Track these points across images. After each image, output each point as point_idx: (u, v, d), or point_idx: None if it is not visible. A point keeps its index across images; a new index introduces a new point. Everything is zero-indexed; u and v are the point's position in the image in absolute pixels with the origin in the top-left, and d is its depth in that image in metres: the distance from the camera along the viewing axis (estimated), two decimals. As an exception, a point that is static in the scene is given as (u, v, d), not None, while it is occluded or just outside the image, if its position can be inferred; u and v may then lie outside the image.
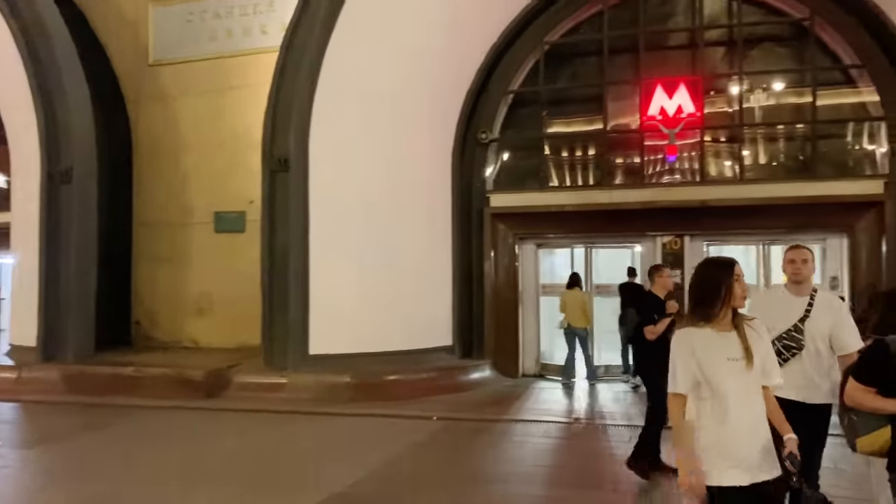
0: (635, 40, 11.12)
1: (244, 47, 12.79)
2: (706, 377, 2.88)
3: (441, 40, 10.58)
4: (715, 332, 2.92)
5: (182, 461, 6.62)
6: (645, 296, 6.29)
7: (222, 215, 12.75)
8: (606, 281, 11.58)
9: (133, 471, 6.30)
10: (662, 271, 6.19)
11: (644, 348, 5.93)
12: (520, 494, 5.50)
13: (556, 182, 11.49)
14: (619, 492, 5.56)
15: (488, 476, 6.06)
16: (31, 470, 6.57)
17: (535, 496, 5.52)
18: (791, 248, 4.23)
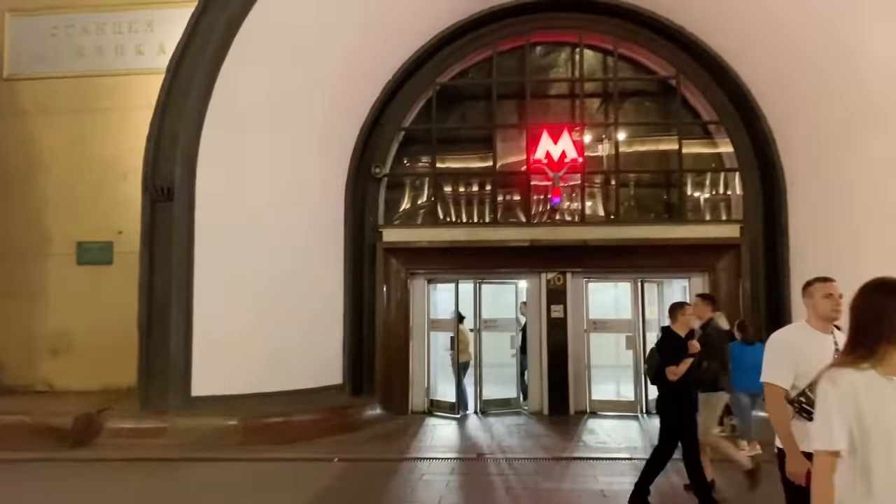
0: (522, 87, 11.69)
1: (116, 67, 11.98)
2: (865, 434, 2.27)
3: (338, 74, 10.51)
4: (880, 376, 2.34)
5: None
6: (666, 334, 5.99)
7: (86, 246, 11.71)
8: (493, 316, 11.90)
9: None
10: (685, 309, 5.98)
11: (666, 389, 5.77)
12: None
13: (448, 218, 11.71)
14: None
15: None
16: None
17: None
18: (825, 281, 3.89)
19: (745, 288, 10.91)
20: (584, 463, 7.91)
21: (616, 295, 12.89)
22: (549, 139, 11.12)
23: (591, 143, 11.58)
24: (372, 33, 10.58)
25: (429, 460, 8.07)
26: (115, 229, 11.70)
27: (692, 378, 5.75)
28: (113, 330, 11.43)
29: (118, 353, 11.41)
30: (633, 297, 11.56)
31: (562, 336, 11.27)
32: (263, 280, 9.97)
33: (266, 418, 9.46)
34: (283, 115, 10.14)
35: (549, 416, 11.03)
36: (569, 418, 10.88)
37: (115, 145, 11.80)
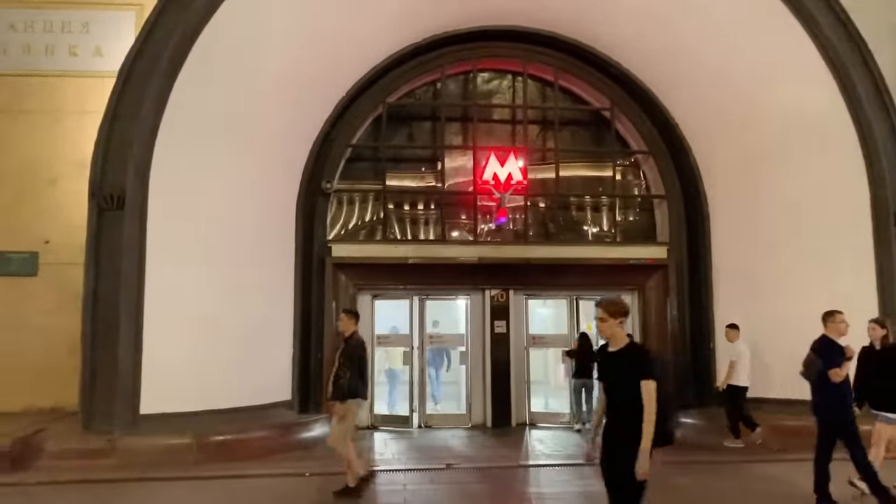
0: (468, 110, 12.17)
1: (45, 68, 11.36)
2: None
3: (291, 90, 10.49)
4: None
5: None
6: (823, 341, 6.48)
7: (7, 256, 10.93)
8: (439, 331, 12.17)
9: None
10: (835, 316, 6.50)
11: (830, 390, 6.29)
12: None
13: (396, 235, 11.91)
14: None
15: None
16: None
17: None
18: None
19: (672, 304, 11.82)
20: (550, 469, 8.31)
21: (554, 312, 13.51)
22: (497, 162, 11.62)
23: (533, 167, 12.18)
24: (326, 52, 10.65)
25: (403, 471, 8.18)
26: (40, 238, 11.02)
27: (848, 379, 6.49)
28: (37, 346, 10.77)
29: (42, 372, 10.76)
30: (569, 314, 12.21)
31: (505, 351, 11.71)
32: (214, 294, 9.73)
33: (220, 436, 9.20)
34: (238, 129, 9.98)
35: (493, 428, 11.38)
36: (511, 430, 11.29)
37: (43, 150, 11.16)
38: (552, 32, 11.79)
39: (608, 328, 4.21)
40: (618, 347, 4.19)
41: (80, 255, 10.69)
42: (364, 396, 7.24)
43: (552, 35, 11.83)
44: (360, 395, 7.11)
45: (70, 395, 10.63)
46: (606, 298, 4.33)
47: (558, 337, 12.26)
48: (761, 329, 10.53)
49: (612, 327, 4.20)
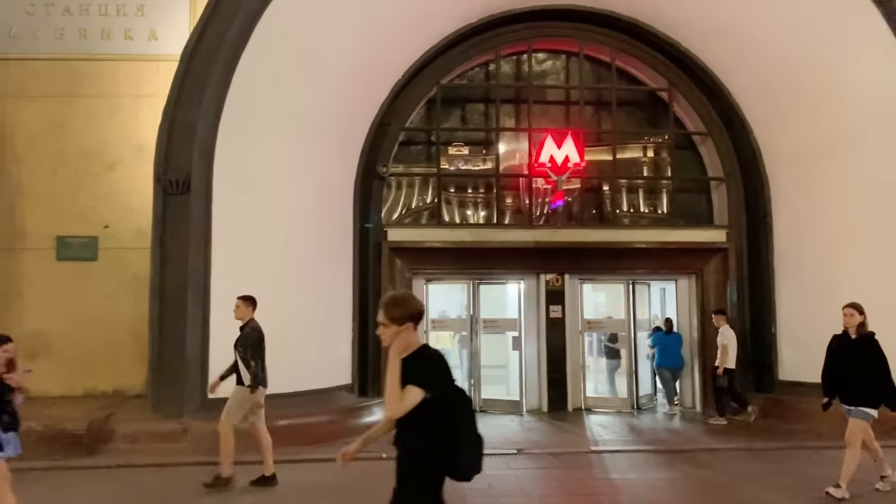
0: (523, 91, 11.99)
1: (101, 51, 11.29)
2: None
3: (350, 74, 10.38)
4: None
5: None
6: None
7: (68, 241, 10.95)
8: (493, 316, 12.09)
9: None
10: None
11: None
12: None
13: (451, 219, 11.80)
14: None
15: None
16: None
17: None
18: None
19: (732, 289, 11.63)
20: (625, 455, 8.23)
21: (610, 296, 13.37)
22: (553, 144, 11.44)
23: (588, 148, 11.99)
24: (383, 34, 10.53)
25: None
26: (99, 223, 11.03)
27: None
28: (97, 330, 10.80)
29: (103, 355, 10.81)
30: (626, 298, 12.07)
31: (560, 336, 11.60)
32: (277, 278, 9.67)
33: (287, 419, 9.18)
34: (296, 112, 9.90)
35: (549, 413, 11.30)
36: (568, 415, 11.21)
37: (100, 134, 11.14)
38: (610, 11, 11.56)
39: (390, 336, 3.20)
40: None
41: (138, 240, 10.86)
42: (264, 385, 7.16)
43: (610, 14, 11.60)
44: (262, 384, 7.06)
45: (131, 378, 10.79)
46: (390, 296, 3.34)
47: (615, 322, 12.13)
48: (824, 315, 10.27)
49: (395, 335, 3.19)
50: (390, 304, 3.24)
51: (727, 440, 9.14)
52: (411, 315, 3.23)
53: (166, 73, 10.88)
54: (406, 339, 3.20)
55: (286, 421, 9.22)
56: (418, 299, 3.37)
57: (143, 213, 10.82)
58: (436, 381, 3.12)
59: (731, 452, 8.24)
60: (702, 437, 9.48)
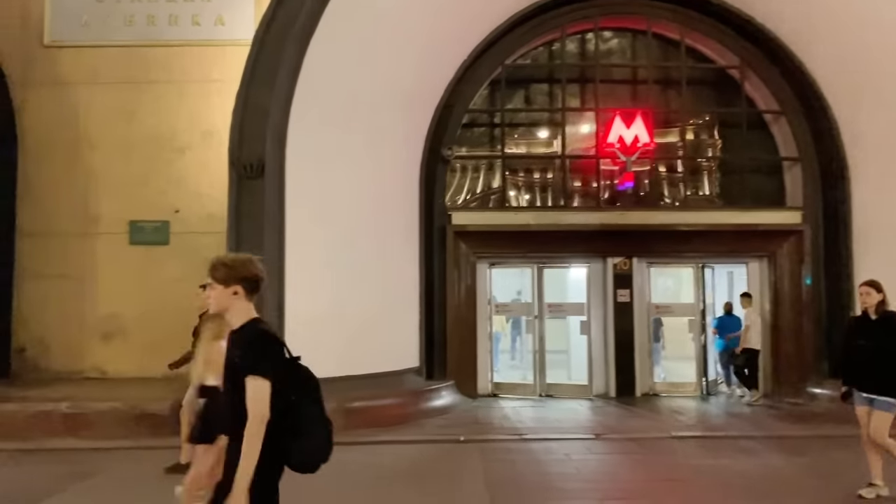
0: (589, 70, 11.76)
1: (169, 37, 11.40)
2: None
3: (416, 54, 10.30)
4: None
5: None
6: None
7: (140, 225, 11.14)
8: (556, 300, 11.97)
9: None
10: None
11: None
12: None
13: (515, 202, 11.69)
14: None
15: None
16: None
17: None
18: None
19: (807, 272, 11.29)
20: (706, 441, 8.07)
21: (679, 280, 13.12)
22: (622, 124, 11.21)
23: (658, 129, 11.72)
24: (449, 15, 10.43)
25: (554, 440, 8.06)
26: (170, 208, 11.18)
27: None
28: (169, 313, 10.88)
29: (175, 338, 10.88)
30: (695, 282, 11.81)
31: (628, 320, 11.42)
32: (346, 262, 9.72)
33: (360, 401, 9.25)
34: (365, 94, 9.87)
35: (617, 398, 11.16)
36: (637, 400, 11.06)
37: (169, 120, 11.26)
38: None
39: (218, 299, 2.81)
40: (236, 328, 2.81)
41: (207, 224, 10.99)
42: None
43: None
44: None
45: (203, 360, 10.93)
46: (220, 257, 2.94)
47: (684, 306, 11.90)
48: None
49: (224, 298, 2.80)
50: (217, 264, 2.84)
51: (809, 427, 8.90)
52: (240, 277, 2.78)
53: (233, 58, 10.99)
54: (232, 307, 2.78)
55: (359, 403, 9.29)
56: (256, 263, 2.88)
57: (213, 197, 10.98)
58: (276, 362, 2.72)
59: (819, 441, 8.00)
60: (779, 424, 9.25)
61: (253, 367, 2.65)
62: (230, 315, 2.80)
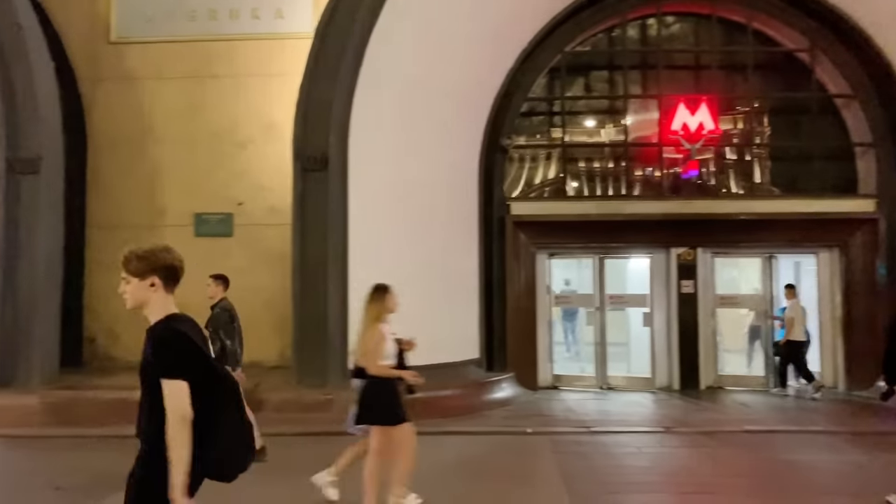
0: (651, 56, 11.50)
1: (230, 32, 11.53)
2: None
3: (477, 42, 10.23)
4: None
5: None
6: None
7: (205, 218, 11.34)
8: (617, 291, 11.79)
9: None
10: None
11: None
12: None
13: (576, 191, 11.54)
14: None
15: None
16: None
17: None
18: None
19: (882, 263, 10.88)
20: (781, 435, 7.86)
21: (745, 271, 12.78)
22: (686, 110, 10.95)
23: (723, 115, 11.41)
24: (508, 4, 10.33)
25: (625, 433, 7.95)
26: (233, 200, 11.35)
27: None
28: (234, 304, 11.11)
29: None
30: (763, 273, 11.50)
31: (692, 311, 11.18)
32: (408, 253, 9.72)
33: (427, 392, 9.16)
34: (428, 86, 9.85)
35: (681, 391, 10.95)
36: (702, 393, 10.84)
37: (231, 114, 11.41)
38: (746, -31, 10.89)
39: (134, 293, 2.60)
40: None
41: (269, 216, 11.16)
42: (235, 364, 6.92)
43: (745, -29, 10.93)
44: (230, 363, 6.78)
45: (267, 350, 11.11)
46: (133, 248, 2.67)
47: (751, 297, 11.59)
48: None
49: (141, 292, 2.60)
50: (130, 256, 2.61)
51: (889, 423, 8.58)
52: (156, 268, 2.60)
53: (292, 52, 11.09)
54: (150, 301, 2.58)
55: (421, 393, 9.29)
56: (173, 252, 2.71)
57: (274, 190, 11.13)
58: (191, 363, 2.50)
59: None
60: (855, 419, 8.98)
61: (167, 370, 2.46)
62: (148, 310, 2.59)
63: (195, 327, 2.69)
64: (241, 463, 2.57)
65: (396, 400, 4.86)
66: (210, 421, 2.46)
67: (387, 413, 4.76)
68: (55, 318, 9.78)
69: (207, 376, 2.52)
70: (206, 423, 2.46)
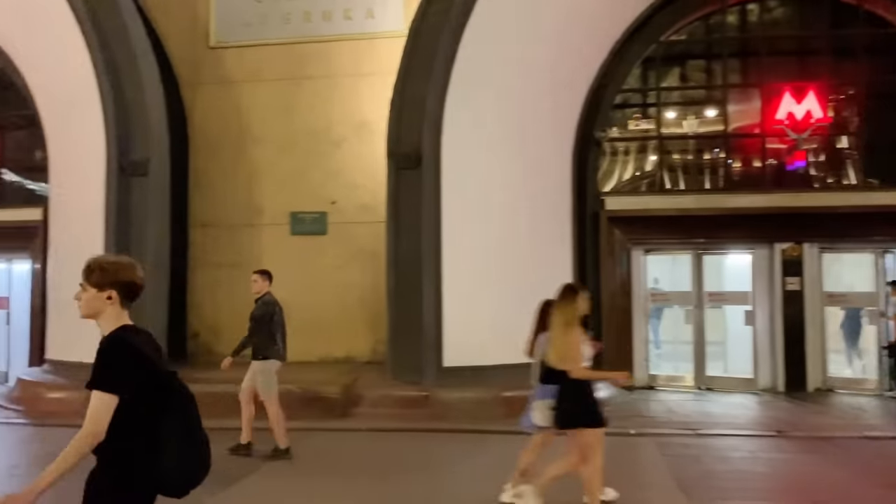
0: (751, 43, 11.00)
1: (323, 33, 11.72)
2: None
3: (567, 34, 10.03)
4: None
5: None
6: None
7: (300, 216, 11.60)
8: (716, 288, 11.36)
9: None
10: None
11: None
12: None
13: (672, 185, 11.17)
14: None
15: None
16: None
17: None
18: None
19: None
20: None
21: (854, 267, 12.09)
22: (792, 99, 10.42)
23: (831, 102, 10.80)
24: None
25: (730, 437, 7.63)
26: (327, 199, 11.55)
27: None
28: (329, 300, 11.37)
29: (333, 324, 11.37)
30: (874, 269, 10.82)
31: (798, 310, 10.64)
32: (501, 249, 9.67)
33: (518, 390, 9.12)
34: (520, 80, 9.74)
35: (786, 393, 10.44)
36: (809, 395, 10.30)
37: (325, 114, 11.61)
38: (858, -54, 10.25)
39: (89, 302, 2.57)
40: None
41: (362, 214, 11.31)
42: (276, 357, 6.95)
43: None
44: (271, 357, 6.88)
45: (360, 345, 11.31)
46: (98, 258, 2.65)
47: (861, 295, 10.92)
48: None
49: (97, 303, 2.57)
50: (93, 266, 2.59)
51: None
52: (115, 282, 2.56)
53: (383, 51, 11.21)
54: (104, 312, 2.55)
55: (517, 392, 9.19)
56: (136, 269, 2.67)
57: (367, 188, 11.27)
58: (130, 376, 2.44)
59: None
60: None
61: (97, 381, 2.42)
62: (100, 321, 2.57)
63: (149, 339, 2.68)
64: (191, 477, 2.53)
65: (597, 401, 4.81)
66: (156, 434, 2.43)
67: (591, 414, 4.72)
68: (163, 314, 10.21)
69: (156, 388, 2.49)
70: (153, 437, 2.43)
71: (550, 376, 4.91)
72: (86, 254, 2.71)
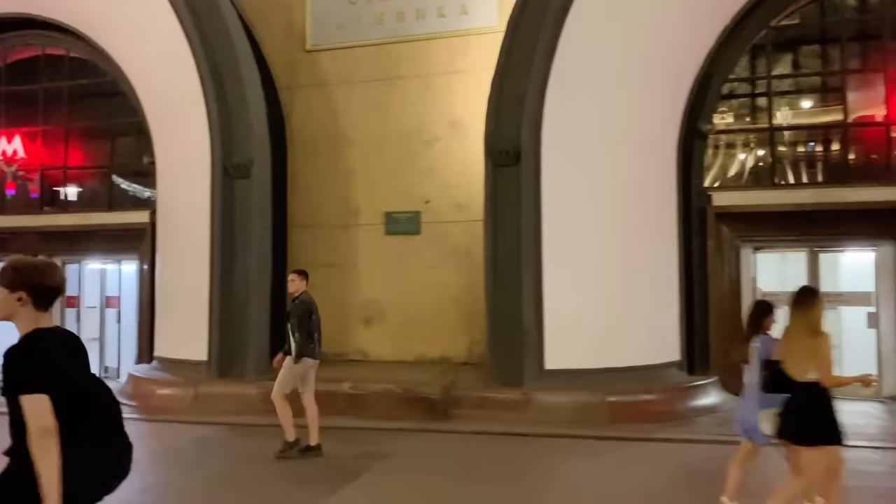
0: (874, 25, 10.22)
1: (417, 32, 11.68)
2: None
3: (671, 23, 9.58)
4: None
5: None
6: None
7: (395, 216, 11.60)
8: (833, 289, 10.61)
9: None
10: None
11: None
12: None
13: (785, 179, 10.52)
14: None
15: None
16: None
17: None
18: None
19: None
20: None
21: None
22: (923, 84, 9.60)
23: (967, 86, 9.91)
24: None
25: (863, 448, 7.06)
26: (420, 199, 11.51)
27: None
28: (423, 300, 11.32)
29: (427, 324, 11.32)
30: None
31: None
32: (603, 248, 9.36)
33: (622, 395, 8.84)
34: (622, 72, 9.39)
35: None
36: (940, 405, 9.46)
37: (418, 114, 11.57)
38: None
39: (1, 303, 2.56)
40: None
41: (455, 213, 11.21)
42: (312, 356, 7.02)
43: None
44: (307, 355, 6.94)
45: (455, 346, 11.19)
46: (12, 259, 2.64)
47: None
48: None
49: (8, 304, 2.55)
50: (6, 267, 2.58)
51: None
52: (30, 284, 2.54)
53: (476, 48, 11.08)
54: (17, 314, 2.53)
55: (621, 397, 8.89)
56: (56, 273, 2.64)
57: (460, 187, 11.17)
58: (43, 377, 2.41)
59: None
60: None
61: (23, 387, 2.41)
62: (16, 323, 2.57)
63: (66, 341, 2.66)
64: (103, 484, 2.53)
65: (837, 417, 4.48)
66: (65, 441, 2.40)
67: (831, 431, 4.43)
68: (266, 313, 10.40)
69: (67, 394, 2.46)
70: (69, 441, 2.41)
71: (778, 384, 4.56)
72: (192, 254, 2.67)
